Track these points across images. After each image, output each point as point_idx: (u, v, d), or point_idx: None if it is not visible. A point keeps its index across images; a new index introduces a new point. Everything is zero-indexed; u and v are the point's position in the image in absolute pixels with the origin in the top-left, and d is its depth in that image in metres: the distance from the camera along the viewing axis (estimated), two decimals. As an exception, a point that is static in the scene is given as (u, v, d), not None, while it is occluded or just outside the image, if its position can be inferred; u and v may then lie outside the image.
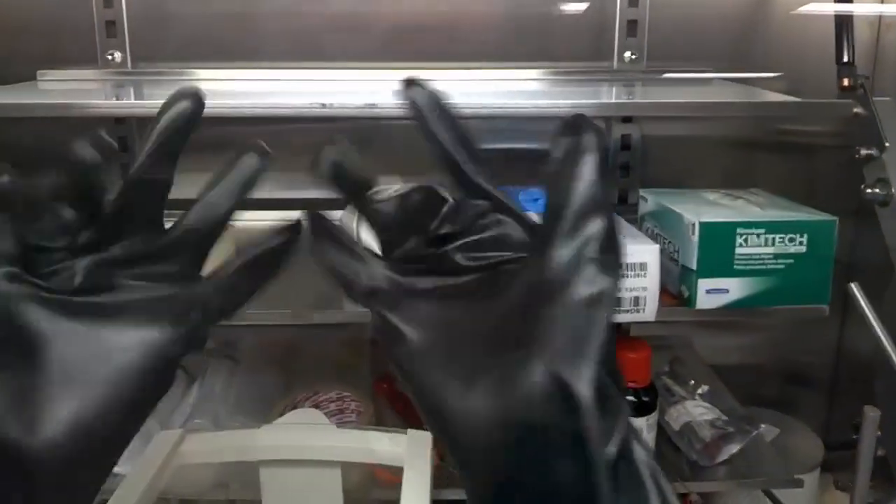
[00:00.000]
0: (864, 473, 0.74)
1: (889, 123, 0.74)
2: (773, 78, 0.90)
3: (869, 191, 0.75)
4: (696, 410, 0.80)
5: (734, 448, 0.78)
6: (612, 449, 0.21)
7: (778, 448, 0.86)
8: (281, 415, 0.77)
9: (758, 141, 0.97)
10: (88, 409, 0.24)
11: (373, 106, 0.67)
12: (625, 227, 0.70)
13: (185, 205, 0.28)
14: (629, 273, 0.64)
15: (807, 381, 1.05)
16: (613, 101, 0.78)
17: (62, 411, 0.23)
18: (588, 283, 0.22)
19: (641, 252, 0.65)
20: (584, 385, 0.21)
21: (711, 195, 0.76)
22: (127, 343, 0.25)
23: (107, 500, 0.53)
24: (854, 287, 0.71)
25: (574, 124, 0.24)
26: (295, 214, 0.28)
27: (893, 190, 0.73)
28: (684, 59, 0.91)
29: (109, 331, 0.25)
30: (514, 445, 0.22)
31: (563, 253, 0.22)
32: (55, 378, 0.24)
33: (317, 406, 0.81)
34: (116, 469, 0.73)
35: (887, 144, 0.73)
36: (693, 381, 0.85)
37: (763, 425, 0.88)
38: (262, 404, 0.84)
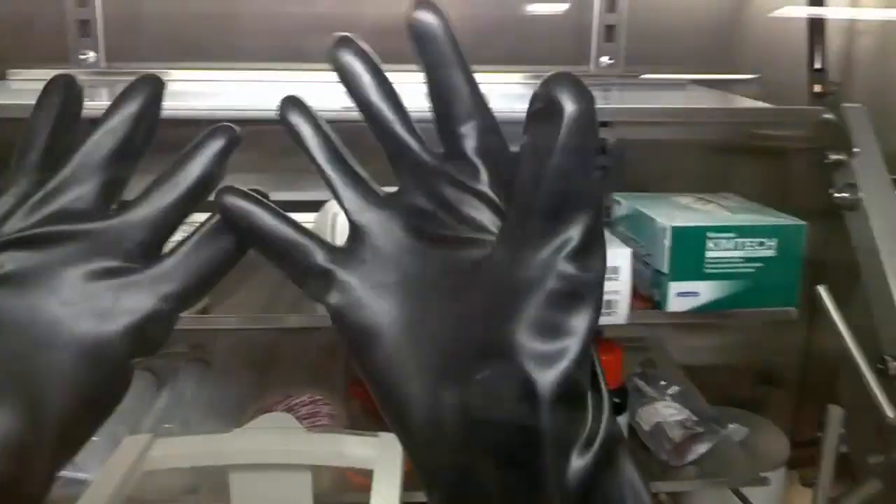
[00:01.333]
0: (828, 469, 0.75)
1: (858, 129, 0.76)
2: (748, 81, 0.90)
3: (837, 195, 0.76)
4: (666, 411, 0.81)
5: (703, 448, 0.79)
6: (582, 458, 0.20)
7: (746, 447, 0.87)
8: (252, 419, 0.76)
9: (731, 145, 0.97)
10: (18, 423, 0.22)
11: (351, 109, 0.66)
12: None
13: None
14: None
15: (776, 380, 1.06)
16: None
17: None
18: (563, 281, 0.20)
19: (614, 256, 0.65)
20: (548, 382, 0.20)
21: (684, 199, 0.77)
22: (67, 344, 0.23)
23: (72, 507, 0.52)
24: (822, 290, 0.72)
25: (549, 91, 0.20)
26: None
27: (861, 194, 0.74)
28: (662, 64, 0.91)
29: (48, 329, 0.23)
30: (474, 443, 0.21)
31: (535, 256, 0.20)
32: None
33: (289, 410, 0.81)
34: (82, 475, 0.72)
35: (856, 150, 0.75)
36: (664, 382, 0.85)
37: (732, 425, 0.89)
38: (233, 408, 0.83)
